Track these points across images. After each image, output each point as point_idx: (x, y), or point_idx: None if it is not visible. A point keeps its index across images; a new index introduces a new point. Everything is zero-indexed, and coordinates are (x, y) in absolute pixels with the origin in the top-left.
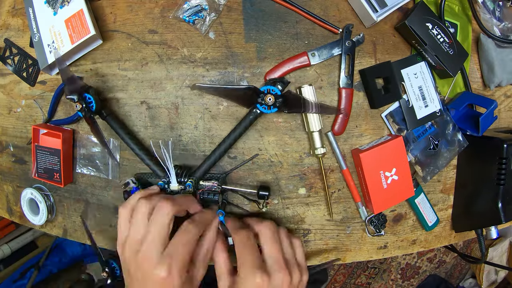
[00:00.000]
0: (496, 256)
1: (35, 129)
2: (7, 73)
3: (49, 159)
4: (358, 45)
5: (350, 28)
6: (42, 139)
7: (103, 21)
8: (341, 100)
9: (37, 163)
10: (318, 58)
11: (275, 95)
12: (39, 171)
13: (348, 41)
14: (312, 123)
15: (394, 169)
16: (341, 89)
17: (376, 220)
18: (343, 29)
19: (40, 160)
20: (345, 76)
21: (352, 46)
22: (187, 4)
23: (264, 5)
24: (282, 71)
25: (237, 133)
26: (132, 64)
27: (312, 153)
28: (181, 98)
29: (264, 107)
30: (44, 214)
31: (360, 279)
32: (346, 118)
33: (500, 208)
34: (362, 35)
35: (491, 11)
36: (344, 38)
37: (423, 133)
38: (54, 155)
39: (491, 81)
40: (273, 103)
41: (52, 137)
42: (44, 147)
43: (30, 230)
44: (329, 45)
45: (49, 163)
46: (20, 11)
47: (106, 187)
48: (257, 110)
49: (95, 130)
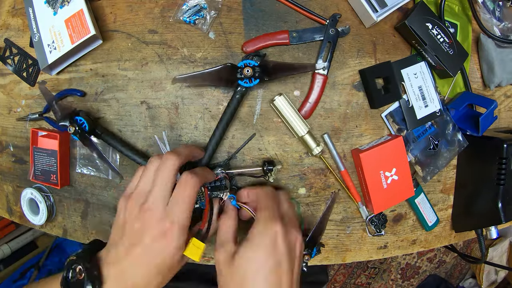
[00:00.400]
0: (496, 256)
1: (33, 131)
2: (7, 73)
3: (46, 160)
4: (343, 36)
5: (337, 18)
6: (40, 141)
7: (103, 21)
8: (313, 84)
9: (34, 165)
10: (299, 39)
11: (253, 66)
12: (36, 173)
13: (332, 29)
14: (298, 129)
15: (394, 169)
16: (315, 74)
17: (377, 220)
18: (330, 17)
19: (38, 162)
20: (322, 61)
21: (335, 34)
22: (185, 5)
23: (264, 5)
24: (260, 44)
25: (228, 115)
26: (132, 64)
27: (311, 154)
28: (181, 98)
29: (245, 82)
30: (44, 214)
31: (360, 279)
32: (314, 104)
33: (500, 208)
34: (348, 27)
35: (491, 11)
36: (328, 25)
37: (423, 133)
38: (51, 156)
39: (491, 81)
40: (252, 74)
41: (50, 138)
42: (42, 149)
43: (30, 230)
44: (312, 29)
45: (47, 165)
46: (20, 11)
47: (106, 187)
48: (240, 87)
49: (92, 147)
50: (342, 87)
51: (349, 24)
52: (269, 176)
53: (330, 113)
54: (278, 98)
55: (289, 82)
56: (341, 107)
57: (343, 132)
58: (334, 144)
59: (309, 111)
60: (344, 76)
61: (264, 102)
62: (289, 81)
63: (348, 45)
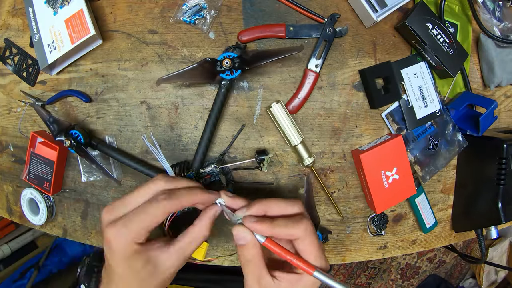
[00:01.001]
0: (496, 256)
1: (33, 135)
2: (7, 73)
3: (42, 167)
4: (340, 36)
5: (336, 17)
6: (38, 147)
7: (103, 21)
8: (304, 81)
9: (29, 168)
10: (295, 34)
11: (232, 58)
12: (30, 176)
13: (330, 28)
14: (292, 138)
15: (395, 169)
16: (307, 70)
17: (378, 219)
18: (328, 16)
19: (33, 167)
20: (315, 59)
21: (332, 33)
22: (185, 6)
23: (264, 5)
24: (256, 35)
25: (216, 110)
26: (132, 64)
27: (302, 164)
28: (181, 98)
29: (227, 74)
30: (44, 214)
31: (360, 279)
32: (303, 100)
33: (500, 208)
34: (346, 27)
35: (491, 11)
36: (326, 24)
37: (423, 133)
38: (48, 165)
39: (491, 81)
40: (232, 66)
41: (49, 148)
42: (39, 155)
43: (30, 230)
44: (309, 26)
45: (42, 172)
46: (20, 11)
47: (106, 187)
48: (224, 80)
49: (89, 159)
50: (342, 87)
51: (348, 25)
52: (262, 165)
53: (330, 113)
54: (275, 105)
55: (288, 82)
56: (341, 107)
57: (343, 132)
58: (334, 144)
59: (296, 107)
60: (344, 76)
61: (264, 102)
62: (289, 81)
63: (348, 45)
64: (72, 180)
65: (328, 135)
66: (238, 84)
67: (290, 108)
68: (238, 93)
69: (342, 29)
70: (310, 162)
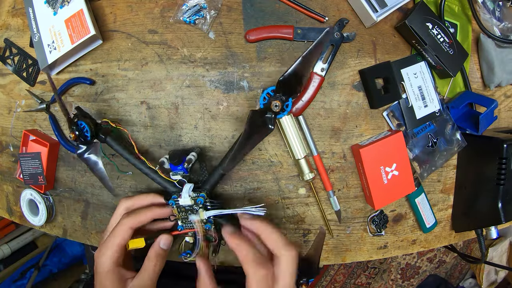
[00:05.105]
0: (496, 256)
1: (25, 134)
2: (7, 73)
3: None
4: (347, 41)
5: (345, 23)
6: (30, 145)
7: (103, 21)
8: (309, 84)
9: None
10: (302, 36)
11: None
12: (25, 178)
13: (337, 32)
14: (296, 152)
15: (395, 165)
16: (313, 73)
17: (378, 219)
18: (337, 21)
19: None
20: (322, 63)
21: (340, 38)
22: (185, 6)
23: (264, 5)
24: (263, 35)
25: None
26: (132, 64)
27: (302, 178)
28: (181, 98)
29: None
30: (44, 215)
31: (360, 279)
32: (307, 103)
33: (500, 208)
34: (353, 34)
35: (491, 11)
36: (334, 29)
37: (422, 130)
38: (35, 158)
39: (491, 81)
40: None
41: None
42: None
43: (30, 230)
44: (318, 29)
45: (32, 167)
46: (20, 11)
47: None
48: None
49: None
50: (342, 87)
51: (355, 31)
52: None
53: (330, 113)
54: (285, 116)
55: None
56: (341, 107)
57: (343, 132)
58: (334, 144)
59: (300, 109)
60: (344, 76)
61: None
62: None
63: (348, 45)
64: (72, 180)
65: (328, 135)
66: (238, 84)
67: (293, 111)
68: (238, 93)
69: (350, 34)
70: (310, 178)
